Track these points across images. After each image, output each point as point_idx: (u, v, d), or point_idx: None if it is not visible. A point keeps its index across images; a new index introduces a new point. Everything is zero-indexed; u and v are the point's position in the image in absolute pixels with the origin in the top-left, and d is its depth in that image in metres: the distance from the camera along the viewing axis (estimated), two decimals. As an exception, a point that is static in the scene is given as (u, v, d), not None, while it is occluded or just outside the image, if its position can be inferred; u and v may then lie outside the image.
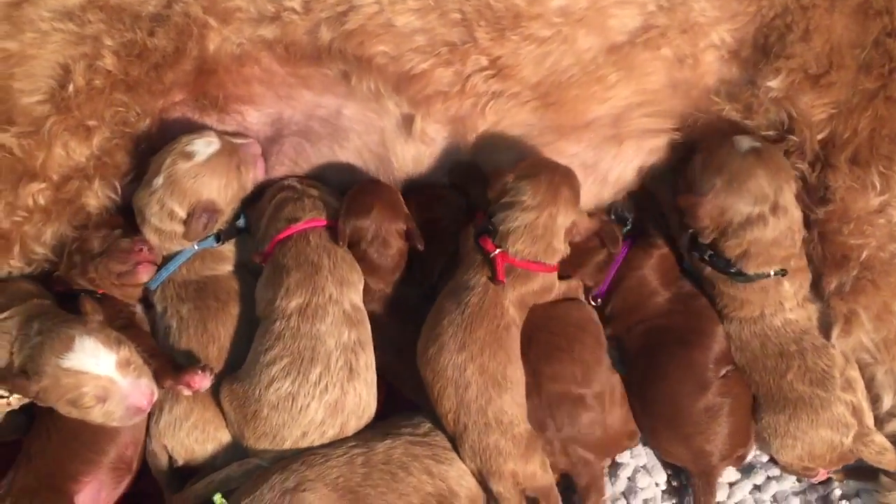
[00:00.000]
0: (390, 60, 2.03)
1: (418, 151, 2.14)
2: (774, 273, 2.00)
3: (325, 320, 1.93)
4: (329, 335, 1.92)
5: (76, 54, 1.97)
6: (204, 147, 2.02)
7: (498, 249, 1.96)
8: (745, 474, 2.11)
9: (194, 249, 2.06)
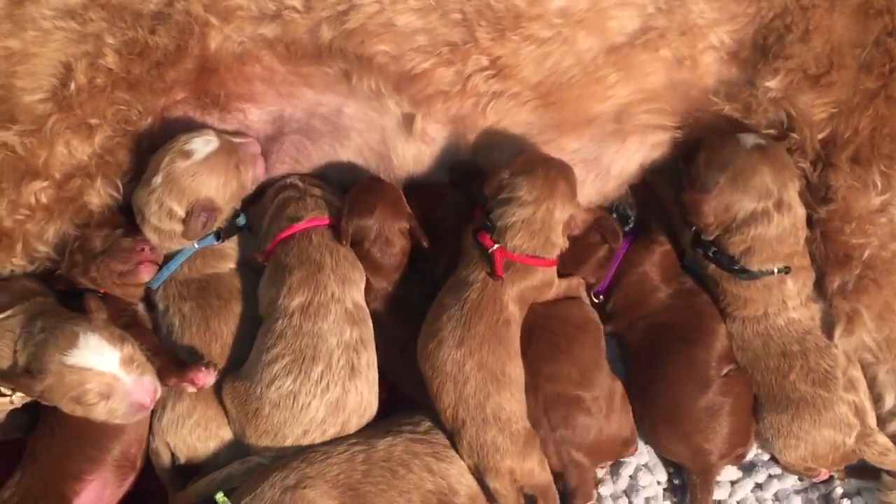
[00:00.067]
0: (391, 60, 2.03)
1: (419, 150, 2.14)
2: (778, 270, 2.00)
3: (328, 319, 1.93)
4: (331, 333, 1.92)
5: (78, 52, 1.97)
6: (202, 146, 2.01)
7: (496, 245, 1.96)
8: (747, 472, 2.11)
9: (195, 248, 2.06)
